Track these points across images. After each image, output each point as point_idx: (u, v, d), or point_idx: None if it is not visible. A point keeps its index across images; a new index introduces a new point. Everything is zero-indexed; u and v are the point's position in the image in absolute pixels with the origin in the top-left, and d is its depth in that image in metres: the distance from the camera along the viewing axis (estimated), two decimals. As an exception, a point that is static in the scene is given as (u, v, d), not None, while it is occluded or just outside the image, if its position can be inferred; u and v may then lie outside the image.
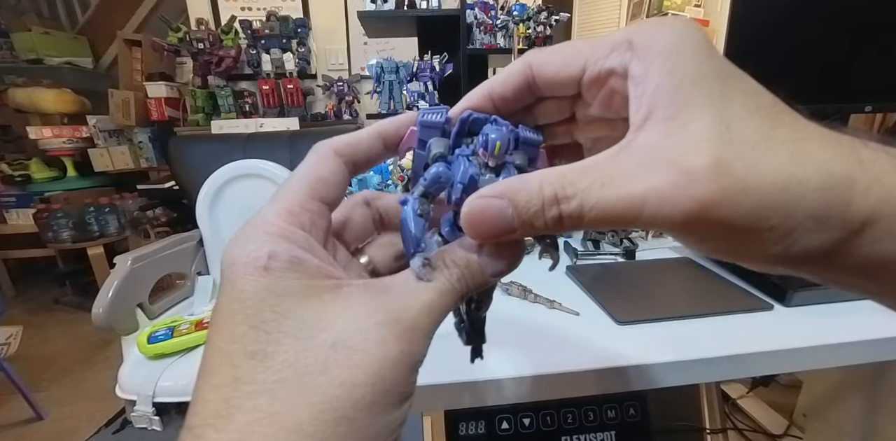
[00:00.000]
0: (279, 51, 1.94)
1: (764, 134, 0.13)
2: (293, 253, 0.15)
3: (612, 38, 0.16)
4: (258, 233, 0.15)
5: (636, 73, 0.15)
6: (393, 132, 0.19)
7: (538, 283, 0.51)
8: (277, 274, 0.14)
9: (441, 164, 0.16)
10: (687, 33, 0.15)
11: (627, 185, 0.14)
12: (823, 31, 0.89)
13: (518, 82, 0.18)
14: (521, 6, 1.62)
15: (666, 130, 0.14)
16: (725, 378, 0.42)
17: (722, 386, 1.15)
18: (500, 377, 0.36)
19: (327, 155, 0.18)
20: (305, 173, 0.17)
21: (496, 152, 0.15)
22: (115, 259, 0.93)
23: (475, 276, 0.17)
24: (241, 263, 0.15)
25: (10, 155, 2.24)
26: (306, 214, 0.16)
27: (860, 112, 0.94)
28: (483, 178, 0.16)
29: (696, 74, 0.14)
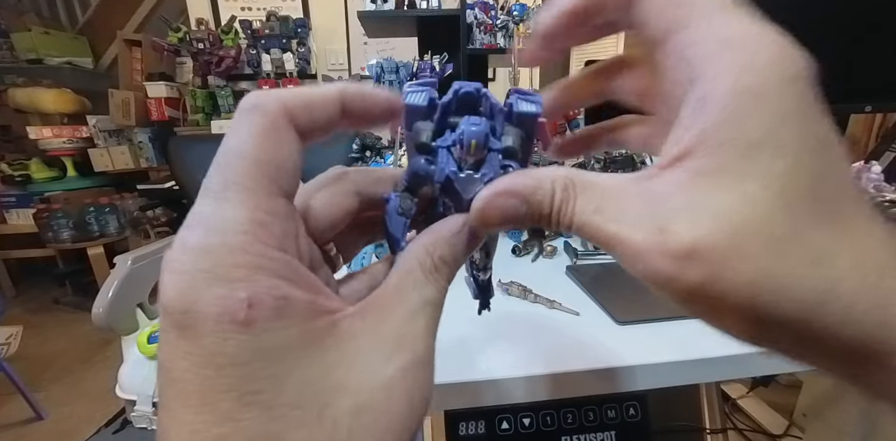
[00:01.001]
0: (279, 51, 1.94)
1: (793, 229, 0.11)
2: (276, 291, 0.12)
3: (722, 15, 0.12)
4: (224, 264, 0.11)
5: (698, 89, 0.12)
6: (358, 101, 0.15)
7: (538, 283, 0.51)
8: (263, 327, 0.11)
9: (422, 157, 0.15)
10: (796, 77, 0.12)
11: (613, 223, 0.13)
12: (823, 31, 0.89)
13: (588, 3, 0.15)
14: (521, 6, 1.62)
15: (684, 185, 0.12)
16: (725, 378, 0.42)
17: (722, 386, 1.15)
18: (500, 377, 0.36)
19: (278, 122, 0.13)
20: (254, 153, 0.13)
21: (472, 151, 0.15)
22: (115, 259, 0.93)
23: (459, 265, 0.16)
24: (207, 315, 0.11)
25: (10, 155, 2.24)
26: (277, 223, 0.13)
27: (860, 112, 0.94)
28: (461, 176, 0.15)
29: (767, 138, 0.11)
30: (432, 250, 0.15)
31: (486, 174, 0.15)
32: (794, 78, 0.12)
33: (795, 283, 0.11)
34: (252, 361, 0.11)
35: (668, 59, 0.13)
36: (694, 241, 0.11)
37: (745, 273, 0.11)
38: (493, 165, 0.15)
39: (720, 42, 0.12)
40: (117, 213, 2.11)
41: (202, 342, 0.11)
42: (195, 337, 0.11)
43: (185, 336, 0.11)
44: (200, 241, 0.12)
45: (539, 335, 0.43)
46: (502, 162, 0.15)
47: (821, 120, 0.12)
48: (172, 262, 0.12)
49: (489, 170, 0.15)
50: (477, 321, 0.25)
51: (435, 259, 0.15)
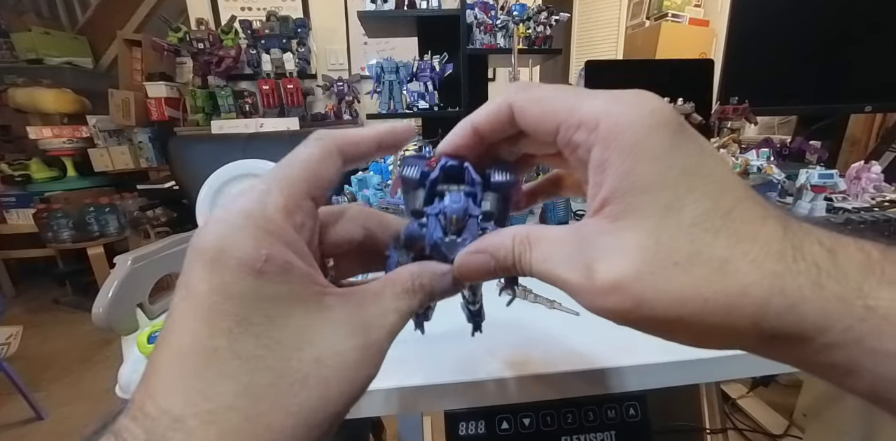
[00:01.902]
0: (279, 51, 1.95)
1: (695, 250, 0.14)
2: (286, 257, 0.15)
3: (584, 108, 0.16)
4: (256, 228, 0.15)
5: (595, 161, 0.15)
6: (390, 144, 0.20)
7: (538, 283, 0.51)
8: (270, 278, 0.15)
9: (415, 222, 0.20)
10: (655, 127, 0.15)
11: (556, 268, 0.16)
12: (823, 31, 0.89)
13: (501, 122, 0.19)
14: (521, 6, 1.62)
15: (604, 230, 0.15)
16: (725, 378, 0.42)
17: (722, 386, 1.15)
18: (500, 377, 0.36)
19: (332, 152, 0.18)
20: (307, 166, 0.17)
21: (454, 223, 0.19)
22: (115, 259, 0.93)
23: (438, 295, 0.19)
24: (233, 257, 0.14)
25: (10, 155, 2.24)
26: (300, 214, 0.16)
27: (860, 112, 0.94)
28: (445, 241, 0.19)
29: (651, 181, 0.14)
30: (416, 277, 0.18)
31: (466, 239, 0.19)
32: (659, 125, 0.15)
33: (708, 296, 0.14)
34: (255, 300, 0.14)
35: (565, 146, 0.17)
36: (614, 277, 0.14)
37: (662, 295, 0.14)
38: (472, 230, 0.19)
39: (591, 122, 0.15)
40: (117, 213, 2.11)
41: (223, 276, 0.14)
42: (219, 271, 0.14)
43: (211, 268, 0.14)
44: (245, 206, 0.15)
45: (539, 335, 0.43)
46: (481, 225, 0.19)
47: (694, 147, 0.15)
48: (222, 214, 0.15)
49: (468, 234, 0.19)
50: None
51: (415, 284, 0.18)
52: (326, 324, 0.16)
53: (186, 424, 0.13)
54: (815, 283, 0.13)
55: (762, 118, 1.44)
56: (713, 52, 2.29)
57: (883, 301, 0.13)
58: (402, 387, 0.35)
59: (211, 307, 0.14)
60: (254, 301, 0.14)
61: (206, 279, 0.14)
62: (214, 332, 0.14)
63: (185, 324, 0.14)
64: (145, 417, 0.13)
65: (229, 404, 0.14)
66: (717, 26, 2.30)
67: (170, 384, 0.14)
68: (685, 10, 2.32)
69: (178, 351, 0.14)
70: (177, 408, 0.13)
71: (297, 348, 0.15)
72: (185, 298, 0.14)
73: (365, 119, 2.01)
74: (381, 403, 0.35)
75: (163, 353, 0.14)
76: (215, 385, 0.14)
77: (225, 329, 0.14)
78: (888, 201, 0.70)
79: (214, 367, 0.14)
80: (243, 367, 0.14)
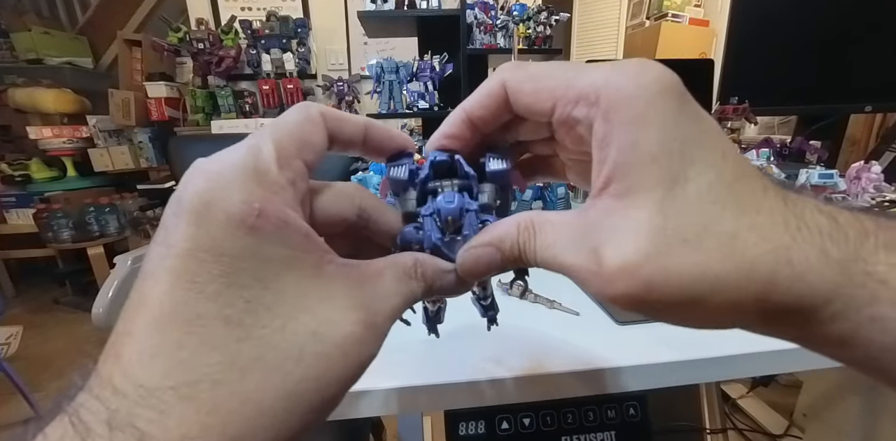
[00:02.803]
0: (279, 51, 1.94)
1: (703, 224, 0.13)
2: (283, 214, 0.14)
3: (582, 82, 0.15)
4: (248, 179, 0.13)
5: (598, 136, 0.15)
6: (376, 141, 0.18)
7: (538, 283, 0.51)
8: (265, 236, 0.13)
9: (410, 225, 0.18)
10: (659, 95, 0.14)
11: (561, 254, 0.16)
12: (823, 31, 0.89)
13: (495, 106, 0.18)
14: (521, 6, 1.62)
15: (610, 209, 0.15)
16: (725, 378, 0.42)
17: (722, 386, 1.15)
18: (500, 377, 0.36)
19: (316, 120, 0.16)
20: (296, 128, 0.16)
21: (450, 223, 0.17)
22: (115, 259, 0.93)
23: (439, 291, 0.17)
24: (222, 211, 0.13)
25: (10, 155, 2.24)
26: (291, 171, 0.15)
27: (860, 112, 0.94)
28: (445, 241, 0.18)
29: (657, 151, 0.14)
30: (419, 264, 0.17)
31: (467, 235, 0.17)
32: (663, 93, 0.14)
33: (719, 272, 0.13)
34: (247, 260, 0.13)
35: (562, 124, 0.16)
36: (622, 260, 0.14)
37: (673, 277, 0.13)
38: (471, 225, 0.18)
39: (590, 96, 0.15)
40: (117, 213, 2.11)
41: (211, 231, 0.12)
42: (207, 225, 0.12)
43: (197, 223, 0.13)
44: (235, 157, 0.14)
45: (539, 335, 0.43)
46: (480, 217, 0.18)
47: (697, 117, 0.14)
48: (208, 165, 0.14)
49: (469, 230, 0.18)
50: (476, 321, 0.25)
51: (417, 271, 0.17)
52: (326, 294, 0.14)
53: (161, 400, 0.11)
54: (820, 250, 0.13)
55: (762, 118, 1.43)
56: (713, 52, 2.29)
57: (879, 266, 0.13)
58: (402, 387, 0.35)
59: (197, 267, 0.12)
60: (245, 261, 0.13)
61: (191, 235, 0.12)
62: (200, 295, 0.12)
63: (164, 286, 0.12)
64: (114, 392, 0.12)
65: (214, 378, 0.12)
66: (717, 26, 2.30)
67: (146, 354, 0.12)
68: (685, 10, 2.32)
69: (156, 316, 0.12)
70: (152, 380, 0.12)
71: (291, 317, 0.13)
72: (165, 257, 0.13)
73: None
74: (381, 403, 0.35)
75: (137, 320, 0.12)
76: (199, 355, 0.12)
77: (212, 292, 0.12)
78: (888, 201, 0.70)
79: (198, 334, 0.12)
80: (231, 336, 0.12)
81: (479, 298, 0.24)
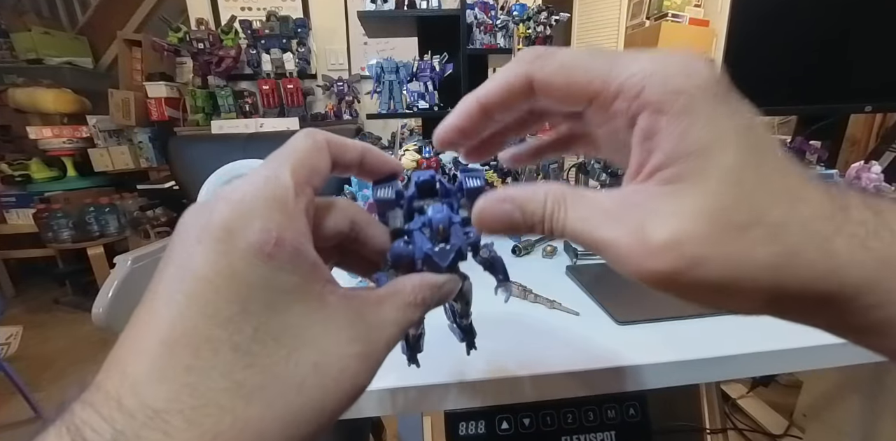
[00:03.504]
0: (279, 51, 1.94)
1: (754, 213, 0.14)
2: (297, 243, 0.14)
3: (622, 75, 0.15)
4: (268, 209, 0.14)
5: (643, 128, 0.15)
6: (373, 164, 0.20)
7: (538, 283, 0.51)
8: (279, 265, 0.14)
9: (399, 241, 0.19)
10: (706, 88, 0.14)
11: (598, 228, 0.15)
12: (823, 31, 0.89)
13: (515, 97, 0.17)
14: (521, 6, 1.62)
15: (657, 193, 0.15)
16: (725, 378, 0.42)
17: (722, 386, 1.15)
18: (500, 377, 0.36)
19: (322, 147, 0.17)
20: (304, 156, 0.16)
21: (440, 232, 0.19)
22: (115, 259, 0.93)
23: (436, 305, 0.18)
24: (243, 239, 0.13)
25: (10, 155, 2.24)
26: (305, 199, 0.16)
27: (860, 112, 0.94)
28: (436, 251, 0.19)
29: (709, 143, 0.14)
30: (418, 291, 0.18)
31: (455, 244, 0.19)
32: (709, 86, 0.14)
33: (763, 259, 0.13)
34: (260, 289, 0.13)
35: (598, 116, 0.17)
36: (670, 235, 0.14)
37: (719, 257, 0.14)
38: (458, 235, 0.19)
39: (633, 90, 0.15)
40: (117, 213, 2.11)
41: (230, 258, 0.13)
42: (227, 253, 0.13)
43: (218, 250, 0.13)
44: (259, 188, 0.15)
45: (539, 335, 0.43)
46: (464, 230, 0.19)
47: (743, 110, 0.15)
48: (231, 194, 0.14)
49: (456, 240, 0.19)
50: (476, 322, 0.25)
51: (417, 298, 0.17)
52: (328, 326, 0.15)
53: (168, 423, 0.12)
54: (862, 244, 0.14)
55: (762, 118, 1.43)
56: (713, 52, 2.29)
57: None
58: (402, 387, 0.35)
59: (213, 293, 0.13)
60: (258, 290, 0.13)
61: (212, 261, 0.13)
62: (212, 321, 0.13)
63: (178, 308, 0.13)
64: (120, 411, 0.12)
65: (220, 403, 0.12)
66: (717, 26, 2.30)
67: (155, 375, 0.12)
68: (685, 10, 2.32)
69: (166, 338, 0.13)
70: (159, 402, 0.12)
71: (295, 348, 0.14)
72: (183, 280, 0.13)
73: (365, 119, 2.01)
74: (381, 403, 0.35)
75: (148, 338, 0.13)
76: (207, 380, 0.12)
77: (224, 318, 0.13)
78: (888, 201, 0.70)
79: (208, 359, 0.12)
80: (239, 363, 0.13)
81: (460, 316, 0.24)
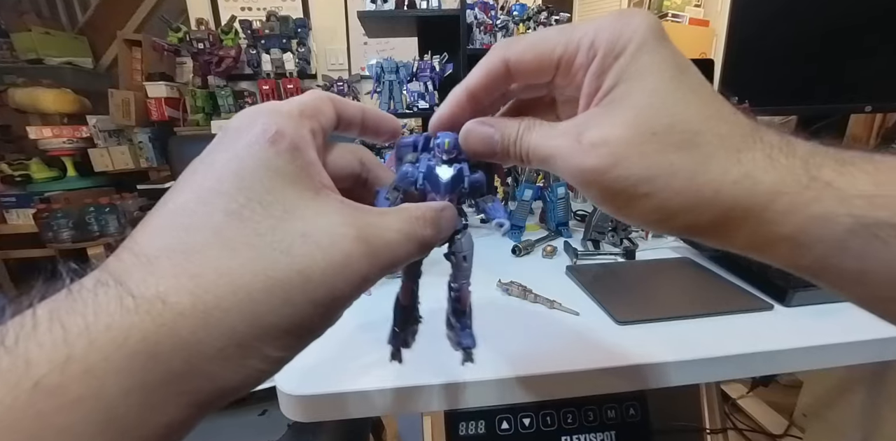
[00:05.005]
0: (279, 51, 1.94)
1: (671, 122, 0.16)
2: (297, 141, 0.16)
3: (577, 34, 0.18)
4: (274, 112, 0.16)
5: (594, 69, 0.18)
6: (372, 121, 0.21)
7: (538, 283, 0.51)
8: (277, 152, 0.15)
9: (409, 164, 0.21)
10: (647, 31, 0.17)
11: (550, 140, 0.19)
12: (823, 31, 0.89)
13: (497, 80, 0.20)
14: (521, 6, 1.62)
15: (597, 113, 0.18)
16: (725, 378, 0.42)
17: (722, 386, 1.15)
18: (500, 377, 0.36)
19: (325, 97, 0.19)
20: (310, 100, 0.19)
21: (446, 148, 0.20)
22: (115, 259, 0.93)
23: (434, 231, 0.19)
24: (247, 131, 0.15)
25: (10, 155, 2.24)
26: (309, 123, 0.18)
27: (860, 112, 0.94)
28: (438, 167, 0.20)
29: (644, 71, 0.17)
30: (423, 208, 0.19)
31: (457, 166, 0.21)
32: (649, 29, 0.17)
33: (676, 161, 0.16)
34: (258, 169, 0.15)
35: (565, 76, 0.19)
36: (599, 137, 0.17)
37: (637, 156, 0.16)
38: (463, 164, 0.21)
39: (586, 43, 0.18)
40: (117, 213, 2.10)
41: (235, 148, 0.15)
42: (233, 144, 0.15)
43: (226, 143, 0.16)
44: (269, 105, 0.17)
45: (539, 335, 0.43)
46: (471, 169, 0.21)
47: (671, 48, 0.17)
48: (246, 110, 0.17)
49: (460, 164, 0.21)
50: (476, 322, 0.25)
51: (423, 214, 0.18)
52: (320, 209, 0.16)
53: (155, 265, 0.13)
54: (768, 155, 0.16)
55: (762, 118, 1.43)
56: (713, 52, 2.29)
57: (826, 169, 0.16)
58: (402, 387, 0.35)
59: (216, 173, 0.15)
60: (257, 169, 0.15)
61: (221, 153, 0.15)
62: (211, 192, 0.14)
63: (183, 188, 0.15)
64: (117, 260, 0.13)
65: (205, 252, 0.13)
66: (717, 26, 2.30)
67: (154, 232, 0.14)
68: (685, 10, 2.32)
69: (172, 208, 0.15)
70: (152, 250, 0.13)
71: (284, 219, 0.15)
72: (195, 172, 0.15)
73: (365, 119, 2.01)
74: (381, 403, 0.35)
75: (157, 210, 0.15)
76: (197, 235, 0.14)
77: (223, 190, 0.14)
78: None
79: (201, 219, 0.14)
80: (229, 224, 0.14)
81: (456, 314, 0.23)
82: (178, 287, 0.13)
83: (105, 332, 0.12)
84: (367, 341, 0.41)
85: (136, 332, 0.12)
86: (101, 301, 0.12)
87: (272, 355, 0.14)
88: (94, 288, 0.12)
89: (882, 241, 0.15)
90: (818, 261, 0.16)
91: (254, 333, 0.13)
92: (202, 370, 0.13)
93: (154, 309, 0.12)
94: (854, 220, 0.15)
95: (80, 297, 0.12)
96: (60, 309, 0.12)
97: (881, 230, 0.15)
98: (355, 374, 0.36)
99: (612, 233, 0.66)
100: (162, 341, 0.12)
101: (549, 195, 0.73)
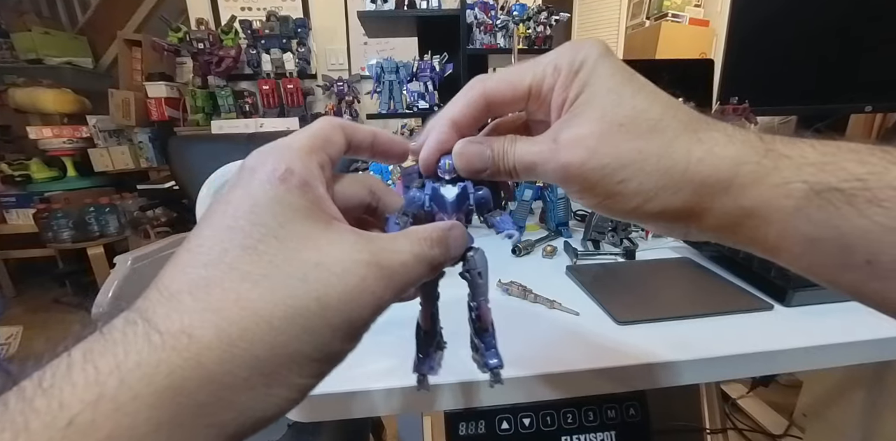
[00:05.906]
0: (279, 51, 1.95)
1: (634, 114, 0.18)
2: (306, 177, 0.17)
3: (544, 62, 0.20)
4: (285, 149, 0.17)
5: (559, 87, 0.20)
6: (383, 145, 0.22)
7: (538, 283, 0.51)
8: (288, 189, 0.16)
9: (415, 189, 0.22)
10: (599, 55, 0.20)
11: (532, 148, 0.20)
12: (823, 31, 0.89)
13: (479, 112, 0.22)
14: (521, 6, 1.62)
15: (568, 119, 0.20)
16: (725, 378, 0.42)
17: (722, 386, 1.15)
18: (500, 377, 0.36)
19: (336, 125, 0.20)
20: (319, 131, 0.19)
21: (447, 168, 0.22)
22: (115, 259, 0.93)
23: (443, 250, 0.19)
24: (260, 170, 0.16)
25: (10, 155, 2.24)
26: (318, 157, 0.18)
27: (860, 112, 0.94)
28: (443, 187, 0.22)
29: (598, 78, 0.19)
30: (430, 229, 0.19)
31: (461, 184, 0.22)
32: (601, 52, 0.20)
33: (644, 147, 0.18)
34: (272, 206, 0.16)
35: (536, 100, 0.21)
36: (573, 135, 0.19)
37: (609, 146, 0.18)
38: (467, 183, 0.22)
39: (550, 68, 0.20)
40: (117, 213, 2.11)
41: (249, 187, 0.16)
42: (247, 184, 0.16)
43: (241, 185, 0.16)
44: (278, 143, 0.18)
45: (539, 335, 0.43)
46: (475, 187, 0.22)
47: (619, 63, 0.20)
48: (260, 149, 0.18)
49: (464, 182, 0.22)
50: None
51: (431, 234, 0.19)
52: (332, 239, 0.16)
53: (179, 300, 0.14)
54: (726, 134, 0.18)
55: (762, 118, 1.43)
56: (713, 52, 2.29)
57: (777, 143, 0.17)
58: (402, 387, 0.35)
59: (232, 212, 0.15)
60: (270, 206, 0.16)
61: (237, 191, 0.16)
62: (228, 231, 0.15)
63: (202, 230, 0.16)
64: (144, 299, 0.14)
65: (224, 285, 0.14)
66: (717, 26, 2.30)
67: (177, 270, 0.15)
68: (685, 10, 2.32)
69: (192, 246, 0.15)
70: (175, 286, 0.14)
71: (298, 250, 0.15)
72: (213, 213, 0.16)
73: (365, 119, 2.01)
74: (381, 403, 0.35)
75: (180, 250, 0.16)
76: (216, 271, 0.14)
77: (237, 227, 0.15)
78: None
79: (220, 257, 0.15)
80: (246, 259, 0.15)
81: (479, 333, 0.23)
82: (202, 321, 0.13)
83: (135, 370, 0.12)
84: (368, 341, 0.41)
85: (164, 367, 0.13)
86: (129, 339, 0.13)
87: (297, 382, 0.15)
88: (124, 327, 0.13)
89: (834, 206, 0.16)
90: (779, 234, 0.17)
91: (278, 362, 0.14)
92: (230, 401, 0.13)
93: (180, 343, 0.13)
94: (808, 186, 0.16)
95: (110, 336, 0.13)
96: (94, 350, 0.13)
97: (832, 195, 0.16)
98: (355, 374, 0.36)
99: (612, 233, 0.66)
100: (189, 375, 0.13)
101: (549, 195, 0.73)
